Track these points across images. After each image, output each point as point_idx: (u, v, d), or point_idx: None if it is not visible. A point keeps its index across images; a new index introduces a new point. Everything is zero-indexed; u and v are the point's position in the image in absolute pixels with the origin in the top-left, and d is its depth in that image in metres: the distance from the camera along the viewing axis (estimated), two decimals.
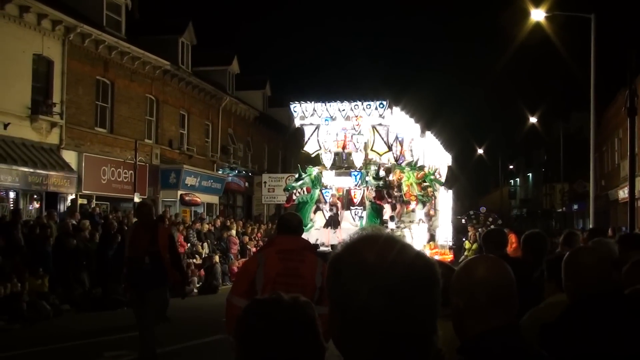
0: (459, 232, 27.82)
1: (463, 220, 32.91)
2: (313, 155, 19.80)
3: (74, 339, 13.16)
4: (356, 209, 19.15)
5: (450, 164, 27.39)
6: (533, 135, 55.00)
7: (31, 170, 21.95)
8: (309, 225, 18.40)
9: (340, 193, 19.28)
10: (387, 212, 18.93)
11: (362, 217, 18.83)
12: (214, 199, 34.98)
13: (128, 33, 29.22)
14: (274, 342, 2.03)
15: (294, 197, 19.19)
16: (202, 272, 23.73)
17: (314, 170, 19.31)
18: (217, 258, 24.62)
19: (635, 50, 21.79)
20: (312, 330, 2.07)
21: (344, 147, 19.55)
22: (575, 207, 50.54)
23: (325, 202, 18.92)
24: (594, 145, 24.93)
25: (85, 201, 25.12)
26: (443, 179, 24.45)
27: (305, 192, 19.07)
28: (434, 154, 23.49)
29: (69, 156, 24.58)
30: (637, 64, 21.90)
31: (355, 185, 18.94)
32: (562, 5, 25.12)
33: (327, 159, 19.61)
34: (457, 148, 44.82)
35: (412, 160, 20.95)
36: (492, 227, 28.84)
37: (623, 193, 35.88)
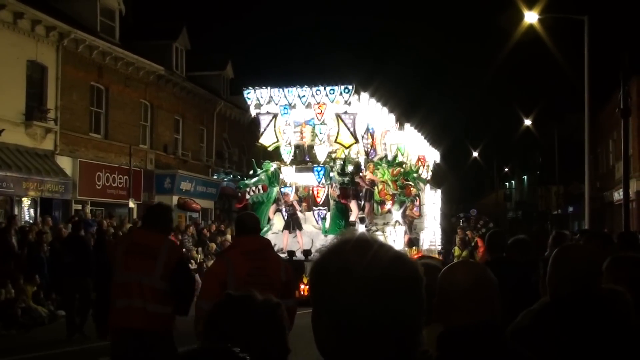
0: (449, 235, 26.92)
1: (461, 222, 32.42)
2: (271, 149, 17.71)
3: (70, 345, 13.12)
4: (320, 209, 17.17)
5: (437, 160, 26.11)
6: (528, 137, 55.04)
7: (26, 176, 21.90)
8: (266, 228, 16.26)
9: (307, 193, 17.40)
10: (354, 212, 17.09)
11: (326, 218, 17.01)
12: (209, 204, 34.93)
13: (122, 39, 29.21)
14: (243, 337, 2.04)
15: (248, 197, 17.34)
16: (198, 276, 23.66)
17: (272, 166, 17.39)
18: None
19: (628, 51, 21.85)
20: (281, 330, 2.09)
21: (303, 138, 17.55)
22: (571, 209, 50.56)
23: (287, 199, 17.03)
24: (589, 147, 24.91)
25: (80, 207, 25.07)
26: (428, 176, 23.10)
27: (261, 191, 17.21)
28: (416, 149, 21.70)
29: (64, 162, 24.54)
30: (630, 65, 21.92)
31: (319, 183, 17.04)
32: (556, 8, 25.16)
33: (287, 153, 17.59)
34: (449, 148, 44.71)
35: (385, 155, 19.10)
36: (484, 230, 28.36)
37: (618, 195, 35.93)
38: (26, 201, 23.13)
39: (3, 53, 21.80)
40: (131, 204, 27.84)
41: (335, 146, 17.80)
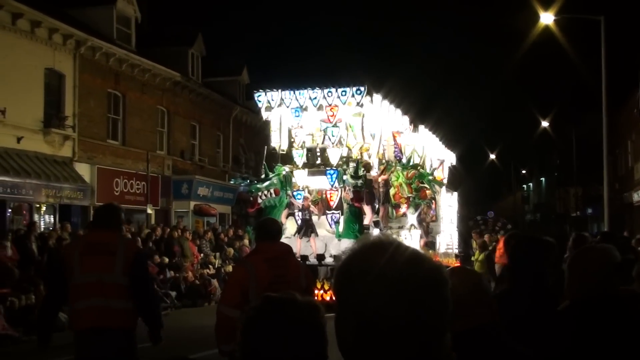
0: (467, 238, 26.38)
1: (480, 225, 31.98)
2: (282, 152, 17.31)
3: None
4: (333, 213, 16.69)
5: (454, 163, 25.67)
6: (545, 139, 54.72)
7: (45, 182, 22.07)
8: None
9: (320, 197, 16.91)
10: (368, 215, 16.63)
11: (339, 222, 16.53)
12: (226, 209, 35.01)
13: (138, 45, 29.38)
14: (282, 340, 2.02)
15: (259, 201, 16.94)
16: (216, 281, 23.72)
17: (284, 170, 17.03)
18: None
19: None
20: (321, 334, 2.06)
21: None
22: (590, 211, 50.21)
23: (298, 206, 16.58)
24: (607, 148, 24.77)
25: None
26: (444, 179, 22.74)
27: (273, 195, 16.84)
28: (431, 152, 21.22)
29: (82, 168, 24.71)
30: None
31: (332, 186, 16.53)
32: (572, 8, 25.05)
33: (299, 156, 17.13)
34: (465, 150, 44.31)
35: (400, 157, 18.60)
36: (502, 232, 28.00)
37: (637, 196, 35.68)
38: (45, 208, 23.30)
39: (21, 61, 21.99)
40: (149, 210, 28.02)
41: (345, 149, 17.43)
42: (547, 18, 23.98)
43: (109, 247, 6.22)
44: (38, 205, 22.84)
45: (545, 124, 50.18)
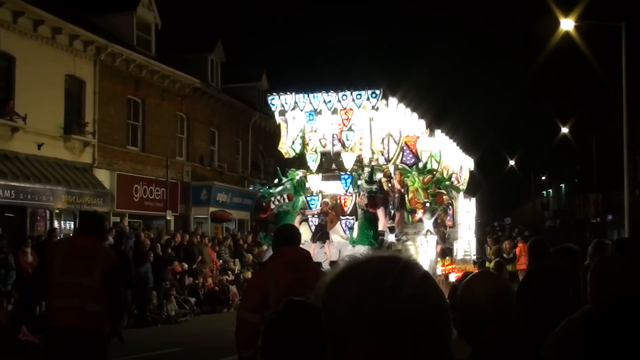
0: (483, 245, 26.09)
1: (497, 232, 31.80)
2: (288, 156, 17.18)
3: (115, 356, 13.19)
4: (347, 219, 16.42)
5: (472, 168, 25.40)
6: (565, 145, 54.45)
7: (65, 189, 22.20)
8: None
9: (335, 202, 16.57)
10: (383, 221, 16.27)
11: (353, 228, 16.20)
12: (245, 215, 35.02)
13: (158, 52, 29.52)
14: (305, 344, 2.01)
15: (272, 206, 16.66)
16: (235, 287, 23.77)
17: (297, 174, 16.79)
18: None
19: None
20: None
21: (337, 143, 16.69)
22: (610, 217, 49.87)
23: (311, 211, 16.33)
24: (627, 154, 24.59)
25: (118, 219, 25.33)
26: (464, 185, 22.43)
27: (286, 200, 16.52)
28: (448, 157, 20.94)
29: (102, 175, 24.84)
30: None
31: (346, 191, 16.23)
32: (592, 14, 24.91)
33: (312, 161, 16.81)
34: (484, 155, 44.10)
35: (417, 162, 18.15)
36: (519, 238, 27.78)
37: None
38: (65, 214, 23.42)
39: (42, 68, 22.16)
40: (168, 216, 28.14)
41: (368, 152, 17.08)
42: (567, 24, 23.84)
43: (92, 253, 6.67)
44: (58, 211, 22.97)
45: (565, 130, 49.90)
